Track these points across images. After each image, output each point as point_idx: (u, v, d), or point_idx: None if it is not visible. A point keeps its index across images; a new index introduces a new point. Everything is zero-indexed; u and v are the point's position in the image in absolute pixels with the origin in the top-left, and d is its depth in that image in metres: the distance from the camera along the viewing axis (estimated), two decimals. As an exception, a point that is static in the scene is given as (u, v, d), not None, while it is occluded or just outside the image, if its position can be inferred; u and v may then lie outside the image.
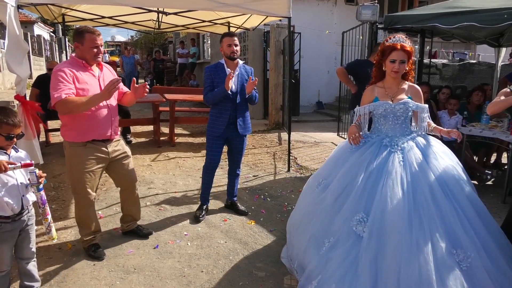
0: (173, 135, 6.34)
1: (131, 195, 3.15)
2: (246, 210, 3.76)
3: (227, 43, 3.35)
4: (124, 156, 2.98)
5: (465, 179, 2.42)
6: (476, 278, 2.06)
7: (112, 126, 2.84)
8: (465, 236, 2.14)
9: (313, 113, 10.40)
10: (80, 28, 2.72)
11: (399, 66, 2.51)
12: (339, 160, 2.68)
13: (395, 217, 2.18)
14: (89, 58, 2.71)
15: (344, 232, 2.32)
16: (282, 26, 7.75)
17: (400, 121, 2.58)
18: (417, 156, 2.42)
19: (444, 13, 4.28)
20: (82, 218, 2.91)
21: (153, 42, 23.46)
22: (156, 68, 13.84)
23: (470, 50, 11.45)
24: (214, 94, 3.35)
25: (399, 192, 2.25)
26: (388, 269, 2.10)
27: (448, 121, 4.77)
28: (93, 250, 2.91)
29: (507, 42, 6.41)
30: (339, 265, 2.23)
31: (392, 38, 2.57)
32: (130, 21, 6.44)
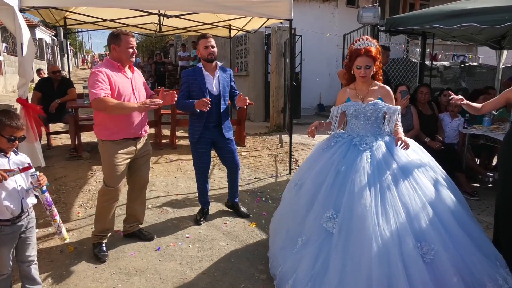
0: (174, 138, 6.34)
1: (141, 194, 3.21)
2: (247, 212, 3.74)
3: (203, 45, 3.27)
4: (147, 154, 3.12)
5: (433, 174, 2.49)
6: (439, 271, 2.13)
7: (143, 126, 2.99)
8: (430, 229, 2.21)
9: (315, 116, 10.40)
10: (115, 32, 2.88)
11: (365, 71, 2.59)
12: (313, 160, 2.77)
13: (363, 213, 2.25)
14: (125, 59, 2.85)
15: (315, 230, 2.41)
16: (283, 29, 7.77)
17: (371, 121, 2.65)
18: (384, 154, 2.49)
19: (445, 15, 4.28)
20: (102, 210, 2.98)
21: (154, 45, 23.50)
22: (157, 71, 13.86)
23: (471, 52, 11.44)
24: (184, 105, 3.28)
25: (366, 189, 2.33)
26: (358, 264, 2.16)
27: (450, 123, 4.77)
28: (98, 250, 2.96)
29: (509, 44, 6.41)
30: (312, 262, 2.32)
31: (358, 42, 2.62)
32: (131, 24, 6.47)
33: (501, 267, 2.45)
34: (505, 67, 8.07)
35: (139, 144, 3.00)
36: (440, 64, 8.86)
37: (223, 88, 3.39)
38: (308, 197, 2.57)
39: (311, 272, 2.29)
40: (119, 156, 2.87)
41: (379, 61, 2.66)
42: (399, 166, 2.44)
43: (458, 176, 4.29)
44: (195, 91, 3.30)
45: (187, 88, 3.34)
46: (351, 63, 2.64)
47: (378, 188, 2.33)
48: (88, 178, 4.72)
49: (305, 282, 2.28)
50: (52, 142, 6.29)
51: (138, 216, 3.23)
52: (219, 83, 3.37)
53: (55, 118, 5.69)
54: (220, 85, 3.37)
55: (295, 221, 2.61)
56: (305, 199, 2.58)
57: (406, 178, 2.39)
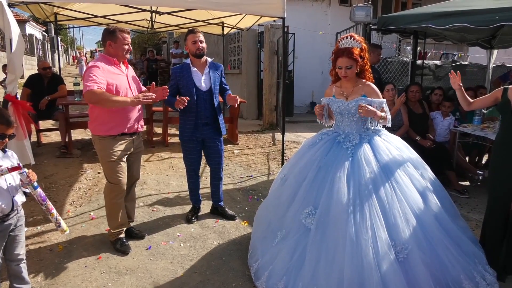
0: (166, 136, 6.31)
1: (130, 191, 3.20)
2: (234, 214, 3.63)
3: (191, 40, 3.22)
4: (140, 151, 3.15)
5: (416, 173, 2.52)
6: (411, 270, 2.18)
7: (139, 120, 3.00)
8: (406, 228, 2.26)
9: (307, 114, 10.41)
10: (111, 28, 2.89)
11: (346, 72, 2.60)
12: (298, 156, 2.81)
13: (340, 210, 2.30)
14: (121, 55, 2.86)
15: (294, 225, 2.47)
16: (276, 27, 7.75)
17: (356, 119, 2.66)
18: (367, 152, 2.52)
19: (437, 14, 4.30)
20: (113, 208, 3.00)
21: (146, 42, 23.32)
22: (150, 68, 13.76)
23: (462, 51, 11.53)
24: (168, 101, 3.24)
25: (345, 186, 2.36)
26: (332, 261, 2.22)
27: (442, 122, 4.81)
28: (119, 244, 2.99)
29: (499, 44, 6.47)
30: (289, 256, 2.39)
31: (343, 40, 2.62)
32: (123, 21, 6.40)
33: (479, 264, 2.50)
34: (495, 66, 8.15)
35: (136, 140, 3.01)
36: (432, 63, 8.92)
37: (214, 85, 3.33)
38: (290, 192, 2.63)
39: (287, 266, 2.37)
40: (118, 152, 2.88)
41: (366, 60, 2.65)
42: (380, 164, 2.47)
43: (449, 174, 4.33)
44: (183, 87, 3.28)
45: (175, 85, 3.31)
46: (334, 63, 2.66)
47: (357, 186, 2.37)
48: (78, 176, 4.67)
49: (280, 275, 2.37)
50: (42, 140, 6.21)
51: (130, 213, 3.23)
52: (209, 79, 3.31)
53: (45, 115, 5.62)
54: (211, 81, 3.31)
55: (276, 214, 2.68)
56: (287, 194, 2.64)
57: (386, 177, 2.42)
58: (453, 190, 4.26)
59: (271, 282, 2.40)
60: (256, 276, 2.55)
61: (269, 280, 2.42)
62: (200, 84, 3.27)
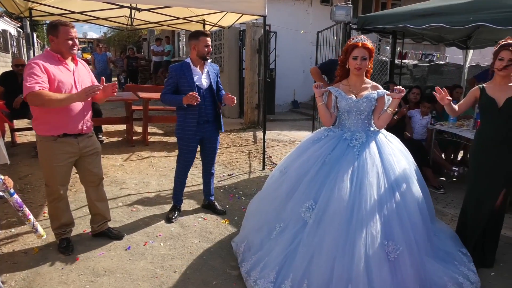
0: (146, 134, 6.23)
1: (98, 191, 3.08)
2: (223, 209, 3.73)
3: (204, 43, 3.24)
4: (94, 153, 2.96)
5: (414, 178, 2.55)
6: (399, 269, 2.24)
7: (84, 121, 2.83)
8: (399, 230, 2.30)
9: (289, 112, 10.47)
10: (53, 22, 2.71)
11: (361, 62, 2.59)
12: (301, 150, 2.78)
13: (338, 207, 2.33)
14: (65, 51, 2.69)
15: (293, 218, 2.49)
16: (258, 25, 7.75)
17: (363, 117, 2.66)
18: (372, 152, 2.53)
19: (415, 14, 4.39)
20: (52, 211, 2.92)
21: (126, 40, 22.94)
22: (130, 66, 13.54)
23: (440, 52, 11.81)
24: (170, 99, 3.25)
25: (347, 184, 2.38)
26: (324, 256, 2.25)
27: (420, 120, 4.92)
28: (63, 246, 2.91)
29: (474, 44, 6.65)
30: (284, 247, 2.41)
31: (356, 38, 2.67)
32: (101, 17, 6.26)
33: (461, 265, 2.58)
34: (470, 66, 8.37)
35: (81, 141, 2.83)
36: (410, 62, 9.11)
37: (214, 83, 3.41)
38: (290, 184, 2.61)
39: (281, 257, 2.39)
40: (60, 155, 2.74)
41: (371, 62, 2.68)
42: (383, 166, 2.48)
43: (425, 171, 4.43)
44: (184, 86, 3.27)
45: (174, 83, 3.30)
46: (347, 56, 2.63)
47: (359, 185, 2.38)
48: (55, 176, 4.55)
49: (274, 265, 2.39)
50: (17, 139, 6.03)
51: (104, 214, 3.13)
52: (209, 77, 3.37)
53: (20, 114, 5.45)
54: (210, 79, 3.38)
55: (273, 205, 2.67)
56: (286, 186, 2.63)
57: (387, 179, 2.44)
58: (429, 186, 4.35)
59: (264, 273, 2.42)
60: (251, 267, 2.55)
61: (263, 271, 2.44)
62: (201, 82, 3.31)
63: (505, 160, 2.73)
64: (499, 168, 2.75)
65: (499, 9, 3.66)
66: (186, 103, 3.15)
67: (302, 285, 2.26)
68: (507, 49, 2.64)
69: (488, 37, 6.08)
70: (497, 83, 2.78)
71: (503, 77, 2.74)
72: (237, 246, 2.88)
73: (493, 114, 2.76)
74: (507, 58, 2.64)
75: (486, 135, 2.84)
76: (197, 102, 3.14)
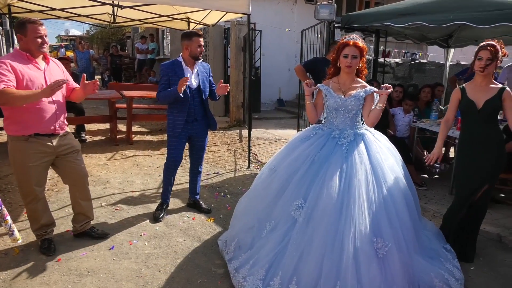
0: (130, 133, 6.15)
1: (82, 190, 3.01)
2: (208, 208, 3.73)
3: (198, 43, 3.28)
4: (72, 151, 2.89)
5: (402, 176, 2.60)
6: (388, 266, 2.28)
7: (57, 121, 2.76)
8: (388, 226, 2.33)
9: (274, 110, 10.49)
10: (21, 20, 2.63)
11: (352, 60, 2.60)
12: (290, 149, 2.80)
13: (328, 205, 2.35)
14: (34, 49, 2.63)
15: (283, 216, 2.50)
16: (243, 23, 7.74)
17: (351, 115, 2.69)
18: (360, 150, 2.55)
19: (397, 13, 4.45)
20: (30, 212, 2.86)
21: (110, 37, 22.57)
22: (113, 64, 13.35)
23: (422, 50, 12.01)
24: (166, 94, 3.27)
25: (336, 182, 2.40)
26: (313, 253, 2.27)
27: (403, 118, 5.00)
28: (44, 247, 2.86)
29: (455, 43, 6.78)
30: (274, 246, 2.42)
31: (347, 37, 2.69)
32: (83, 14, 6.15)
33: (446, 261, 2.63)
34: (452, 64, 8.53)
35: (55, 141, 2.76)
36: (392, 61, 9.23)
37: (203, 82, 3.42)
38: (280, 182, 2.62)
39: (271, 255, 2.41)
40: (33, 155, 2.67)
41: (364, 61, 2.70)
42: (372, 164, 2.51)
43: (408, 167, 4.49)
44: (175, 84, 3.27)
45: (167, 81, 3.31)
46: (339, 54, 2.65)
47: (348, 183, 2.40)
48: (36, 176, 4.47)
49: (263, 263, 2.40)
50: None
51: (87, 213, 3.07)
52: (198, 77, 3.39)
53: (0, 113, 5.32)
54: (199, 79, 3.40)
55: (263, 203, 2.68)
56: (276, 184, 2.64)
57: (376, 176, 2.46)
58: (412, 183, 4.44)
59: (253, 270, 2.43)
60: (241, 264, 2.55)
61: (252, 268, 2.45)
62: (191, 82, 3.33)
63: (484, 159, 2.80)
64: (479, 167, 2.81)
65: (479, 8, 3.75)
66: (181, 89, 3.15)
67: (291, 283, 2.28)
68: (486, 49, 2.69)
69: (468, 36, 6.20)
70: (478, 83, 2.82)
71: (483, 78, 2.78)
72: (225, 244, 2.88)
73: (473, 116, 2.81)
74: (485, 57, 2.69)
75: (466, 135, 2.90)
76: (187, 81, 3.16)
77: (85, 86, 2.79)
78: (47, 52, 2.73)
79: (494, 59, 2.68)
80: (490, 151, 2.79)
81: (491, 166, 2.81)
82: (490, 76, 2.80)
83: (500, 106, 2.75)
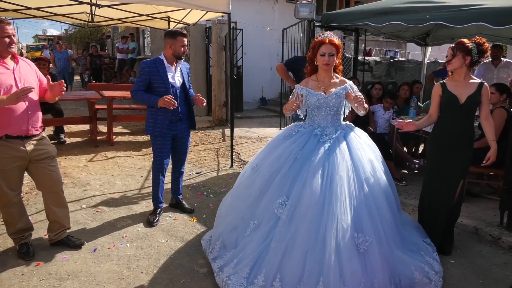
0: (111, 134, 6.06)
1: (56, 198, 2.90)
2: (191, 208, 3.71)
3: (182, 43, 3.25)
4: (47, 157, 2.79)
5: (382, 172, 2.65)
6: (369, 260, 2.32)
7: (29, 122, 2.67)
8: (369, 222, 2.38)
9: (257, 109, 10.51)
10: None
11: (329, 58, 2.65)
12: (272, 147, 2.81)
13: (310, 202, 2.38)
14: (2, 49, 2.56)
15: (267, 215, 2.52)
16: (224, 22, 7.71)
17: (333, 112, 2.73)
18: (342, 147, 2.59)
19: (375, 12, 4.52)
20: (5, 216, 2.79)
21: (89, 37, 22.14)
22: (93, 64, 13.12)
23: (401, 48, 12.23)
24: (145, 98, 3.22)
25: (318, 179, 2.43)
26: (296, 250, 2.30)
27: (383, 115, 5.09)
28: (22, 251, 2.80)
29: (433, 41, 6.94)
30: (258, 245, 2.44)
31: (322, 35, 2.73)
32: (60, 13, 6.02)
33: (426, 254, 2.70)
34: (429, 62, 8.73)
35: (29, 145, 2.67)
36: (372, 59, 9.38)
37: (186, 81, 3.41)
38: (263, 181, 2.64)
39: (255, 253, 2.42)
40: (5, 159, 2.59)
41: (340, 57, 2.74)
42: (353, 160, 2.55)
43: (388, 163, 4.56)
44: (157, 83, 3.24)
45: (147, 80, 3.25)
46: (315, 52, 2.68)
47: (329, 180, 2.43)
48: (14, 179, 4.36)
49: (248, 261, 2.41)
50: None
51: (62, 221, 2.94)
52: (182, 76, 3.37)
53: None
54: (182, 77, 3.38)
55: (247, 202, 2.69)
56: (259, 183, 2.65)
57: (357, 173, 2.50)
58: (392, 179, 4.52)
59: (238, 268, 2.43)
60: (225, 263, 2.55)
61: (236, 266, 2.45)
62: (173, 81, 3.29)
63: (462, 155, 2.87)
64: (456, 162, 2.88)
65: (453, 8, 3.84)
66: (161, 106, 3.11)
67: (275, 280, 2.29)
68: (451, 47, 2.85)
69: (445, 34, 6.35)
70: (456, 79, 2.89)
71: (460, 74, 2.85)
72: (209, 243, 2.88)
73: (455, 110, 2.86)
74: (449, 54, 2.86)
75: (446, 129, 2.93)
76: (174, 107, 3.12)
77: (52, 87, 2.72)
78: (15, 51, 2.66)
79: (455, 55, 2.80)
80: (467, 147, 2.87)
81: (466, 162, 2.89)
82: (469, 72, 2.89)
83: (479, 101, 2.83)
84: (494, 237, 3.26)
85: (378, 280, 2.30)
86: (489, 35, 5.20)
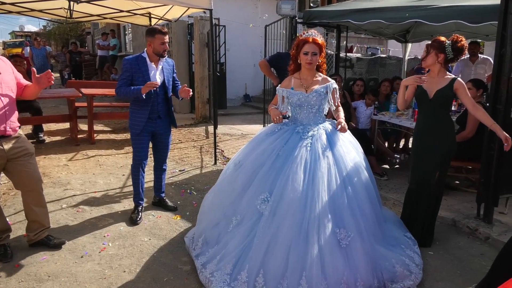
0: (92, 132, 5.96)
1: (35, 195, 2.83)
2: (174, 205, 3.70)
3: (160, 41, 3.21)
4: (25, 154, 2.72)
5: (364, 168, 2.70)
6: (351, 255, 2.37)
7: (6, 121, 2.59)
8: (350, 217, 2.42)
9: (241, 106, 10.49)
10: None
11: (312, 57, 2.67)
12: (255, 143, 2.83)
13: (292, 198, 2.40)
14: None
15: (249, 211, 2.53)
16: (206, 18, 7.65)
17: (314, 110, 2.76)
18: (323, 143, 2.62)
19: (356, 10, 4.58)
20: None
21: (68, 33, 21.67)
22: (73, 61, 12.86)
23: (383, 45, 12.40)
24: (128, 92, 3.20)
25: (300, 175, 2.46)
26: (279, 246, 2.32)
27: (365, 111, 5.16)
28: (0, 253, 2.73)
29: (413, 38, 7.06)
30: (241, 241, 2.45)
31: (306, 33, 2.74)
32: (37, 9, 5.85)
33: (407, 248, 2.76)
34: (410, 58, 8.89)
35: (7, 144, 2.60)
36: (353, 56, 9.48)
37: (167, 80, 3.38)
38: (246, 177, 2.64)
39: (238, 249, 2.43)
40: None
41: (324, 56, 2.76)
42: (334, 157, 2.58)
43: (370, 159, 4.64)
44: (139, 81, 3.22)
45: (130, 77, 3.23)
46: (299, 50, 2.69)
47: (311, 176, 2.46)
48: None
49: (231, 257, 2.41)
50: None
51: (42, 221, 2.88)
52: (163, 74, 3.34)
53: None
54: (164, 76, 3.35)
55: (230, 198, 2.69)
56: (242, 179, 2.66)
57: (338, 169, 2.54)
58: (373, 173, 4.59)
59: (221, 265, 2.43)
60: (208, 260, 2.55)
61: (219, 263, 2.45)
62: (155, 79, 3.27)
63: (434, 146, 2.96)
64: (430, 153, 2.97)
65: (431, 7, 3.92)
66: (144, 92, 3.11)
67: (258, 275, 2.31)
68: (426, 45, 2.95)
69: (424, 31, 6.47)
70: (431, 75, 3.00)
71: (434, 71, 2.96)
72: (192, 240, 2.87)
73: (425, 105, 2.99)
74: (424, 51, 2.97)
75: (420, 123, 3.09)
76: (156, 86, 3.13)
77: (38, 80, 2.64)
78: None
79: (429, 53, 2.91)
80: (441, 140, 2.95)
81: (442, 156, 2.97)
82: (444, 69, 2.96)
83: (451, 96, 2.93)
84: (471, 228, 3.36)
85: (361, 274, 2.34)
86: (467, 32, 5.32)
